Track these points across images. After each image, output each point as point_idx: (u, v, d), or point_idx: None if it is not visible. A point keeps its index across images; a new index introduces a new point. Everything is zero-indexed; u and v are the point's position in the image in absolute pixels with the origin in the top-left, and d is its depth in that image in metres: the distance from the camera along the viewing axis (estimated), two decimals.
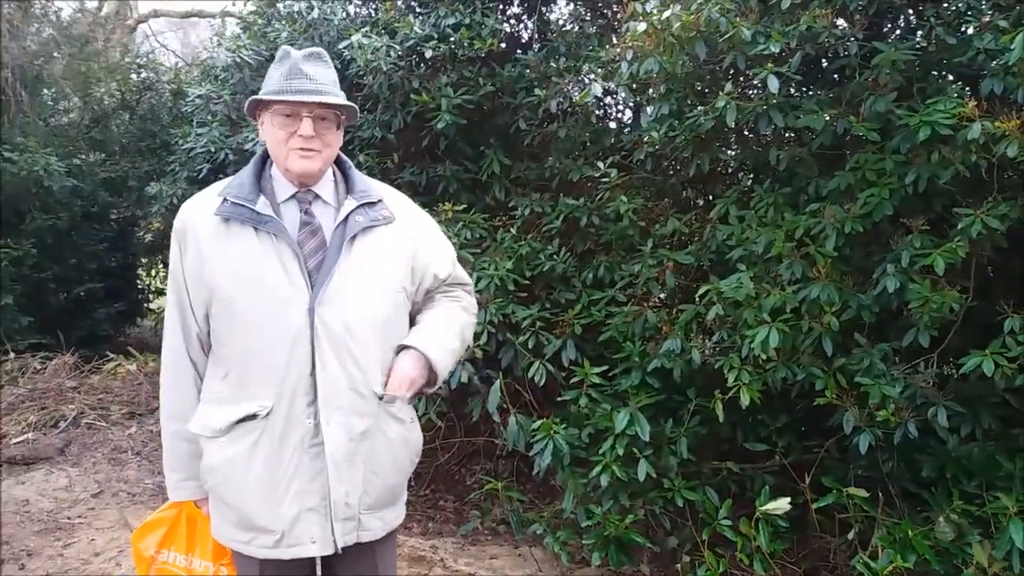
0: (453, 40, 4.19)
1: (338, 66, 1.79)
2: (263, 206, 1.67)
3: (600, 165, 3.86)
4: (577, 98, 3.99)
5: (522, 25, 5.03)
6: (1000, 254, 2.90)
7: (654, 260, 3.47)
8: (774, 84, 2.94)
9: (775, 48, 2.93)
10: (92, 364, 6.57)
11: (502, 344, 3.63)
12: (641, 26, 3.29)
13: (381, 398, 1.73)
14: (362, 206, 1.74)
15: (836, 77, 3.36)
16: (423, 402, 3.47)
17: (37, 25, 8.01)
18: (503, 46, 4.63)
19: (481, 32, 4.24)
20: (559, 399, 3.38)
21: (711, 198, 3.95)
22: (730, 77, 3.38)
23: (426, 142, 4.38)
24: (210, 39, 8.40)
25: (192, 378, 1.78)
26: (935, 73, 3.13)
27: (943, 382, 2.85)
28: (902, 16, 3.45)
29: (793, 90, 3.44)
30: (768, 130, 3.19)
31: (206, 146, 5.18)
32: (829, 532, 3.00)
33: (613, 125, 4.68)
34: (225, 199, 1.68)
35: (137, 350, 7.08)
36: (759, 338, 2.75)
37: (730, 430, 3.24)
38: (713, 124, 3.16)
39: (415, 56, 4.26)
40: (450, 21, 4.27)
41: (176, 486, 1.84)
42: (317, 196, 1.76)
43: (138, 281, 8.97)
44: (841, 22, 3.10)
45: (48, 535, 3.85)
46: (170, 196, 5.84)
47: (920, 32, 3.12)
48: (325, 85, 1.70)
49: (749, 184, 3.65)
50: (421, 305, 1.91)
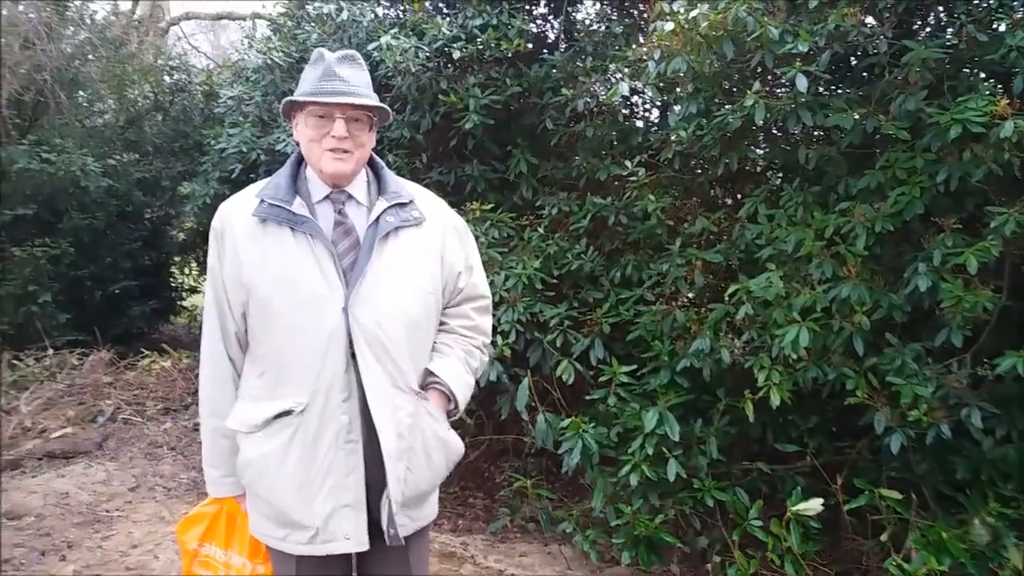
0: (480, 41, 4.22)
1: (367, 67, 1.82)
2: (299, 207, 1.71)
3: (628, 164, 3.86)
4: (604, 97, 3.99)
5: (548, 25, 5.05)
6: None
7: (682, 259, 3.46)
8: (802, 83, 2.93)
9: (803, 47, 2.92)
10: (128, 360, 6.70)
11: (530, 343, 3.65)
12: (668, 25, 3.29)
13: (418, 393, 1.77)
14: (393, 207, 1.77)
15: (865, 75, 3.33)
16: None
17: (73, 28, 8.14)
18: (530, 46, 4.65)
19: (508, 33, 4.26)
20: (587, 398, 3.39)
21: (739, 197, 3.92)
22: (758, 76, 3.36)
23: (454, 142, 4.41)
24: (240, 41, 8.53)
25: (231, 375, 1.81)
26: (966, 71, 3.09)
27: (977, 383, 2.80)
28: (932, 13, 3.40)
29: (822, 89, 3.41)
30: (797, 129, 3.17)
31: (238, 146, 5.27)
32: (861, 534, 2.97)
33: (640, 124, 4.66)
34: (262, 200, 1.72)
35: (171, 347, 7.20)
36: (789, 338, 2.74)
37: (760, 430, 3.23)
38: (741, 123, 3.14)
39: (443, 57, 4.30)
40: (477, 22, 4.31)
41: (216, 482, 1.88)
42: (351, 196, 1.79)
43: (171, 279, 9.10)
44: (870, 20, 3.07)
45: (87, 527, 3.94)
46: (203, 196, 5.95)
47: (950, 29, 3.09)
48: (358, 87, 1.73)
49: (778, 183, 3.63)
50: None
